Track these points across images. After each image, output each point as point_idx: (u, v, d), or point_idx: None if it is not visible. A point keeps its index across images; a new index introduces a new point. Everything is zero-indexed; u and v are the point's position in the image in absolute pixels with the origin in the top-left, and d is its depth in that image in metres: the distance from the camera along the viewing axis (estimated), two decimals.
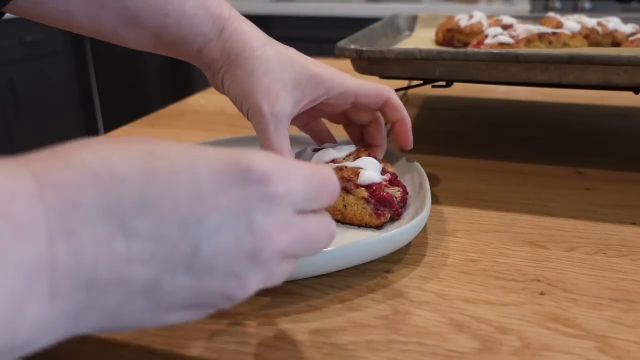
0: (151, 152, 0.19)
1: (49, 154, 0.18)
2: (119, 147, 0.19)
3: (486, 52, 0.47)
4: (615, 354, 0.29)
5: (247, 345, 0.30)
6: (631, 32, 0.68)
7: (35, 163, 0.17)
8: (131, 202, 0.18)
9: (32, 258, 0.16)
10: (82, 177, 0.17)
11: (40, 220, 0.16)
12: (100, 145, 0.19)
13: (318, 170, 0.23)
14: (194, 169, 0.20)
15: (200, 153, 0.20)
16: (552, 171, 0.53)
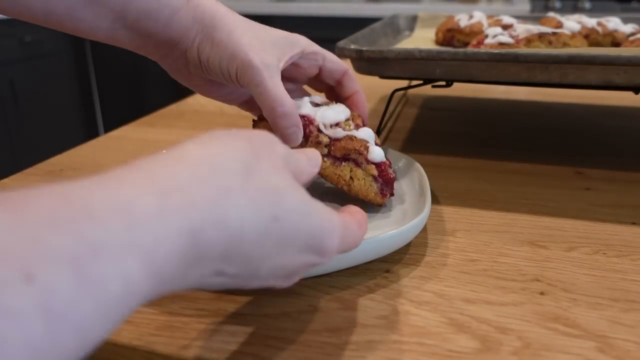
0: (276, 219, 0.23)
1: (212, 201, 0.21)
2: (256, 201, 0.22)
3: (486, 52, 0.47)
4: (615, 354, 0.29)
5: (247, 345, 0.30)
6: (631, 32, 0.68)
7: (197, 215, 0.20)
8: (237, 257, 0.22)
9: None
10: (220, 239, 0.21)
11: (176, 267, 0.19)
12: (244, 201, 0.22)
13: (359, 239, 0.29)
14: (295, 239, 0.24)
15: (309, 222, 0.24)
16: (552, 171, 0.53)
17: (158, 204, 0.18)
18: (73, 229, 0.16)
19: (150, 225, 0.18)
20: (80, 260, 0.15)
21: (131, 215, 0.17)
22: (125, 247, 0.17)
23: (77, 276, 0.15)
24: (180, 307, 0.33)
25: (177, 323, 0.31)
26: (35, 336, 0.14)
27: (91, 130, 2.75)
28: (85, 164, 0.58)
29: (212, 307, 0.33)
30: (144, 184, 0.19)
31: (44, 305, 0.14)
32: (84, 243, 0.16)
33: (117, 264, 0.16)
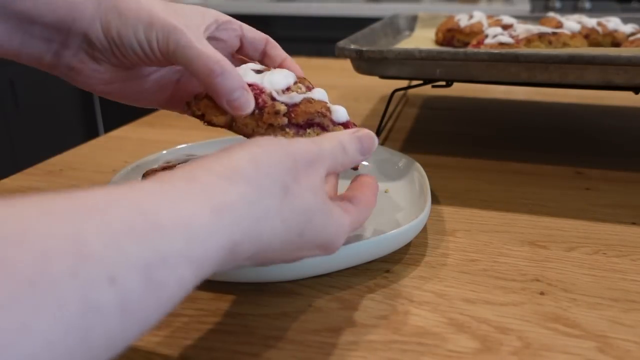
0: (301, 235, 0.26)
1: (253, 221, 0.23)
2: (288, 222, 0.25)
3: (486, 52, 0.47)
4: (615, 354, 0.29)
5: (246, 346, 0.30)
6: (631, 32, 0.68)
7: (239, 233, 0.22)
8: (258, 258, 0.25)
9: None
10: (251, 251, 0.24)
11: (213, 270, 0.22)
12: (279, 223, 0.25)
13: (362, 223, 0.31)
14: (312, 243, 0.27)
15: (328, 231, 0.27)
16: (552, 171, 0.53)
17: (211, 221, 0.21)
18: (147, 240, 0.18)
19: (203, 241, 0.21)
20: (151, 268, 0.18)
21: (190, 230, 0.20)
22: (183, 258, 0.19)
23: (147, 281, 0.18)
24: (180, 307, 0.33)
25: (177, 323, 0.31)
26: (114, 330, 0.17)
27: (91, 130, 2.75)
28: (85, 164, 0.58)
29: (212, 307, 0.33)
30: (201, 201, 0.21)
31: (122, 304, 0.17)
32: (155, 253, 0.18)
33: (176, 272, 0.19)
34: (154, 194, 0.20)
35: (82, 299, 0.16)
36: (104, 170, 0.55)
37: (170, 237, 0.19)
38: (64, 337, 0.15)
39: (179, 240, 0.19)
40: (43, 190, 0.50)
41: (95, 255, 0.17)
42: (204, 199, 0.22)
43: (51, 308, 0.15)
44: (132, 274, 0.17)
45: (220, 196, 0.22)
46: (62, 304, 0.15)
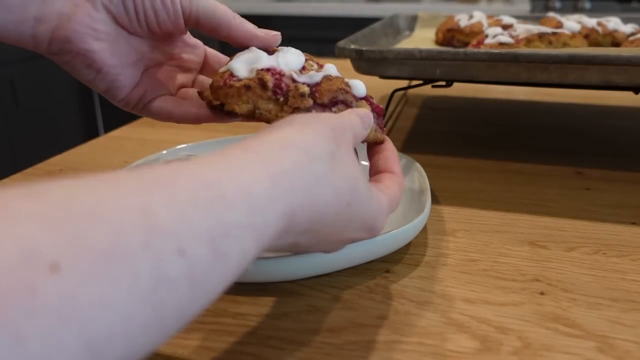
0: (349, 204, 0.26)
1: (307, 187, 0.23)
2: (337, 188, 0.25)
3: (486, 52, 0.47)
4: (615, 354, 0.29)
5: (246, 346, 0.30)
6: (631, 32, 0.68)
7: (296, 200, 0.23)
8: (312, 234, 0.25)
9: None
10: (306, 219, 0.24)
11: (273, 240, 0.22)
12: (330, 189, 0.25)
13: (398, 203, 0.32)
14: (357, 220, 0.27)
15: (370, 207, 0.28)
16: (552, 171, 0.53)
17: (270, 188, 0.21)
18: (212, 211, 0.19)
19: (263, 209, 0.21)
20: (216, 239, 0.18)
21: (250, 198, 0.20)
22: (246, 228, 0.20)
23: (213, 252, 0.18)
24: None
25: None
26: (184, 301, 0.17)
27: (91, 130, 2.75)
28: (85, 164, 0.58)
29: (212, 307, 0.33)
30: (259, 169, 0.22)
31: (190, 276, 0.17)
32: (219, 224, 0.19)
33: (239, 242, 0.19)
34: (215, 164, 0.21)
35: (154, 271, 0.16)
36: (105, 170, 0.55)
37: (233, 207, 0.19)
38: (138, 309, 0.15)
39: (241, 210, 0.20)
40: None
41: (165, 228, 0.17)
42: (261, 167, 0.22)
43: (126, 281, 0.15)
44: (200, 245, 0.18)
45: (275, 163, 0.22)
46: (136, 276, 0.15)
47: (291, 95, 0.32)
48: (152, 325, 0.16)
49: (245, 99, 0.32)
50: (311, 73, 0.34)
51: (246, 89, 0.32)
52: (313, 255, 0.33)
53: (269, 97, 0.32)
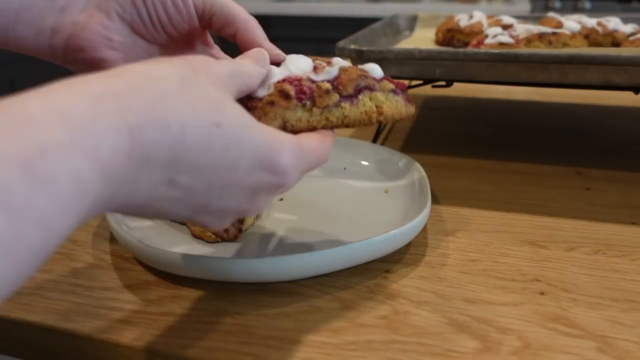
0: (218, 124, 0.23)
1: (148, 104, 0.21)
2: (197, 108, 0.23)
3: (486, 52, 0.47)
4: (615, 354, 0.29)
5: (247, 345, 0.30)
6: (631, 32, 0.68)
7: (133, 116, 0.21)
8: (185, 165, 0.23)
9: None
10: (163, 139, 0.22)
11: (125, 166, 0.21)
12: (183, 106, 0.22)
13: (323, 155, 0.30)
14: (241, 149, 0.24)
15: (253, 134, 0.25)
16: (552, 171, 0.53)
17: (92, 107, 0.19)
18: (17, 136, 0.17)
19: (88, 127, 0.19)
20: (29, 163, 0.17)
21: (68, 119, 0.19)
22: (69, 147, 0.18)
23: (29, 176, 0.17)
24: (180, 307, 0.33)
25: (177, 323, 0.31)
26: (8, 231, 0.16)
27: None
28: None
29: (212, 307, 0.33)
30: (78, 92, 0.20)
31: (7, 203, 0.16)
32: (30, 147, 0.17)
33: (65, 162, 0.18)
34: (21, 96, 0.19)
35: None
36: None
37: (45, 129, 0.18)
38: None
39: (57, 131, 0.18)
40: None
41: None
42: (81, 89, 0.20)
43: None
44: (7, 172, 0.16)
45: (101, 85, 0.21)
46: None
47: (316, 95, 0.32)
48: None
49: (272, 116, 0.31)
50: (326, 69, 0.33)
51: (270, 105, 0.31)
52: (313, 255, 0.33)
53: (295, 105, 0.32)
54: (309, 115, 0.32)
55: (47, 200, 0.17)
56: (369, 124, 0.34)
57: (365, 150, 0.53)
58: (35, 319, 0.32)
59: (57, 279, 0.36)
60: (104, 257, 0.38)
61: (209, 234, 0.38)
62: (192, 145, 0.23)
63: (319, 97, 0.32)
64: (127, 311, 0.32)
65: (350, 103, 0.33)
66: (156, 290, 0.34)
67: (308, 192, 0.46)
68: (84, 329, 0.31)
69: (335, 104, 0.32)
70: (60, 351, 0.32)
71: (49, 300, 0.33)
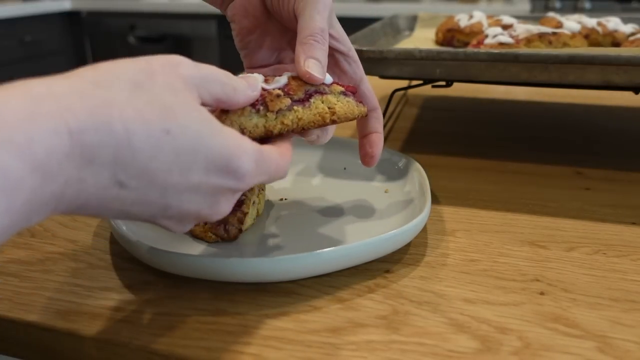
0: (167, 131, 0.23)
1: (92, 108, 0.21)
2: (144, 114, 0.23)
3: (486, 52, 0.47)
4: (615, 354, 0.29)
5: (246, 346, 0.30)
6: (631, 32, 0.68)
7: (74, 119, 0.21)
8: (134, 169, 0.23)
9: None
10: (106, 143, 0.21)
11: (64, 165, 0.21)
12: (129, 111, 0.22)
13: (282, 167, 0.30)
14: (193, 155, 0.24)
15: (208, 140, 0.25)
16: (552, 171, 0.53)
17: (30, 108, 0.20)
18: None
19: (22, 126, 0.19)
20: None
21: (1, 118, 0.19)
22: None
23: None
24: (180, 307, 0.33)
25: (177, 323, 0.31)
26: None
27: None
28: None
29: (212, 307, 0.33)
30: (18, 93, 0.20)
31: None
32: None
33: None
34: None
35: None
36: None
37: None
38: None
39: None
40: None
41: None
42: (22, 91, 0.20)
43: None
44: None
45: (42, 88, 0.21)
46: None
47: (268, 100, 0.33)
48: None
49: (229, 123, 0.32)
50: (276, 78, 0.35)
51: (225, 112, 0.32)
52: (313, 255, 0.33)
53: (249, 112, 0.32)
54: (265, 121, 0.33)
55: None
56: (323, 124, 0.35)
57: None
58: (35, 319, 0.32)
59: (57, 279, 0.36)
60: (104, 257, 0.38)
61: (209, 234, 0.38)
62: (139, 150, 0.22)
63: (270, 102, 0.33)
64: (127, 311, 0.32)
65: (303, 106, 0.34)
66: (156, 290, 0.34)
67: (308, 192, 0.47)
68: (83, 329, 0.31)
69: (288, 107, 0.33)
70: (60, 351, 0.32)
71: (49, 300, 0.33)
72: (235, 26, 0.40)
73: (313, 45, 0.34)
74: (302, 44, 0.35)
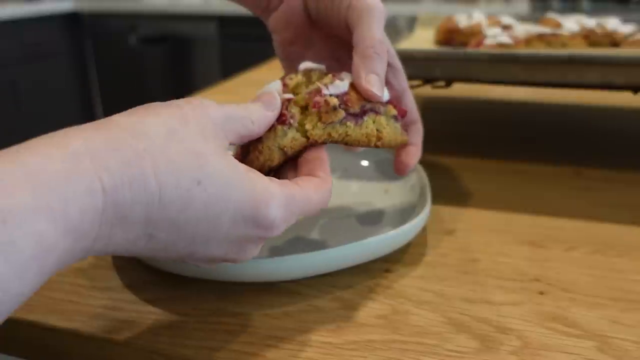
0: (199, 181, 0.23)
1: (126, 162, 0.21)
2: (177, 164, 0.23)
3: (486, 52, 0.47)
4: (615, 353, 0.29)
5: (247, 345, 0.30)
6: (630, 32, 0.68)
7: (108, 177, 0.21)
8: (164, 222, 0.23)
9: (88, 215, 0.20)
10: (138, 200, 0.22)
11: (96, 224, 0.21)
12: (163, 162, 0.22)
13: (318, 203, 0.29)
14: (222, 206, 0.24)
15: (236, 191, 0.25)
16: (552, 171, 0.54)
17: (67, 168, 0.20)
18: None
19: (58, 188, 0.19)
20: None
21: (37, 180, 0.19)
22: (32, 210, 0.18)
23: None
24: (181, 306, 0.33)
25: (177, 323, 0.32)
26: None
27: None
28: None
29: (212, 307, 0.33)
30: (55, 150, 0.20)
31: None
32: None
33: (26, 225, 0.18)
34: (6, 151, 0.19)
35: None
36: None
37: (11, 193, 0.18)
38: None
39: (23, 194, 0.18)
40: None
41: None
42: (59, 147, 0.20)
43: None
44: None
45: (78, 141, 0.21)
46: None
47: (323, 111, 0.31)
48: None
49: (267, 150, 0.31)
50: (337, 83, 0.32)
51: (258, 141, 0.31)
52: (313, 255, 0.33)
53: (281, 130, 0.31)
54: (304, 131, 0.31)
55: (3, 264, 0.17)
56: (366, 146, 0.33)
57: (365, 151, 0.53)
58: (36, 319, 0.32)
59: (58, 279, 0.36)
60: (105, 257, 0.38)
61: None
62: (170, 203, 0.23)
63: (325, 114, 0.31)
64: (127, 311, 0.33)
65: (355, 123, 0.32)
66: (157, 290, 0.34)
67: None
68: (85, 329, 0.31)
69: (340, 120, 0.31)
70: (61, 351, 0.32)
71: (51, 300, 0.34)
72: (277, 37, 0.40)
73: (373, 59, 0.32)
74: (362, 56, 0.33)
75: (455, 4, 2.19)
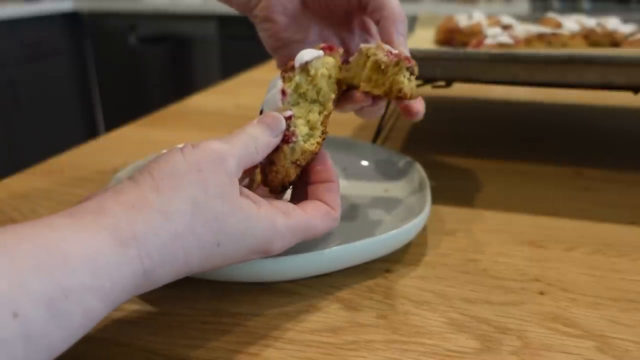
0: (219, 244, 0.27)
1: (164, 245, 0.25)
2: (202, 235, 0.26)
3: (486, 52, 0.47)
4: (615, 353, 0.29)
5: (247, 345, 0.30)
6: (630, 32, 0.68)
7: (149, 262, 0.24)
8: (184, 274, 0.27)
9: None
10: (169, 274, 0.26)
11: (131, 294, 0.25)
12: (191, 239, 0.26)
13: (323, 228, 0.32)
14: (237, 253, 0.28)
15: (249, 239, 0.28)
16: (552, 171, 0.53)
17: (117, 254, 0.23)
18: (52, 275, 0.20)
19: (110, 273, 0.23)
20: (53, 301, 0.20)
21: (95, 263, 0.22)
22: (88, 290, 0.22)
23: (50, 313, 0.20)
24: (180, 306, 0.33)
25: (177, 323, 0.31)
26: (19, 355, 0.19)
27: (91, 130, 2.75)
28: (85, 164, 0.58)
29: (212, 307, 0.33)
30: (107, 235, 0.23)
31: (24, 335, 0.19)
32: (58, 288, 0.21)
33: (81, 302, 0.21)
34: (62, 229, 0.22)
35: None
36: (105, 169, 0.55)
37: (76, 272, 0.21)
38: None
39: (84, 274, 0.21)
40: (43, 190, 0.50)
41: (0, 293, 0.19)
42: (109, 232, 0.23)
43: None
44: (35, 307, 0.20)
45: (125, 228, 0.24)
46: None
47: (414, 64, 0.35)
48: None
49: (283, 170, 0.33)
50: (387, 46, 0.36)
51: (271, 164, 0.33)
52: (313, 255, 0.33)
53: (288, 149, 0.33)
54: (313, 136, 0.34)
55: (59, 331, 0.21)
56: (402, 99, 0.35)
57: (365, 151, 0.53)
58: None
59: None
60: None
61: None
62: (194, 266, 0.27)
63: (416, 66, 0.35)
64: (127, 311, 0.32)
65: (409, 76, 0.35)
66: (156, 290, 0.34)
67: None
68: None
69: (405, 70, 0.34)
70: None
71: None
72: (269, 25, 0.40)
73: (401, 22, 0.38)
74: (392, 20, 0.37)
75: (455, 4, 2.19)
